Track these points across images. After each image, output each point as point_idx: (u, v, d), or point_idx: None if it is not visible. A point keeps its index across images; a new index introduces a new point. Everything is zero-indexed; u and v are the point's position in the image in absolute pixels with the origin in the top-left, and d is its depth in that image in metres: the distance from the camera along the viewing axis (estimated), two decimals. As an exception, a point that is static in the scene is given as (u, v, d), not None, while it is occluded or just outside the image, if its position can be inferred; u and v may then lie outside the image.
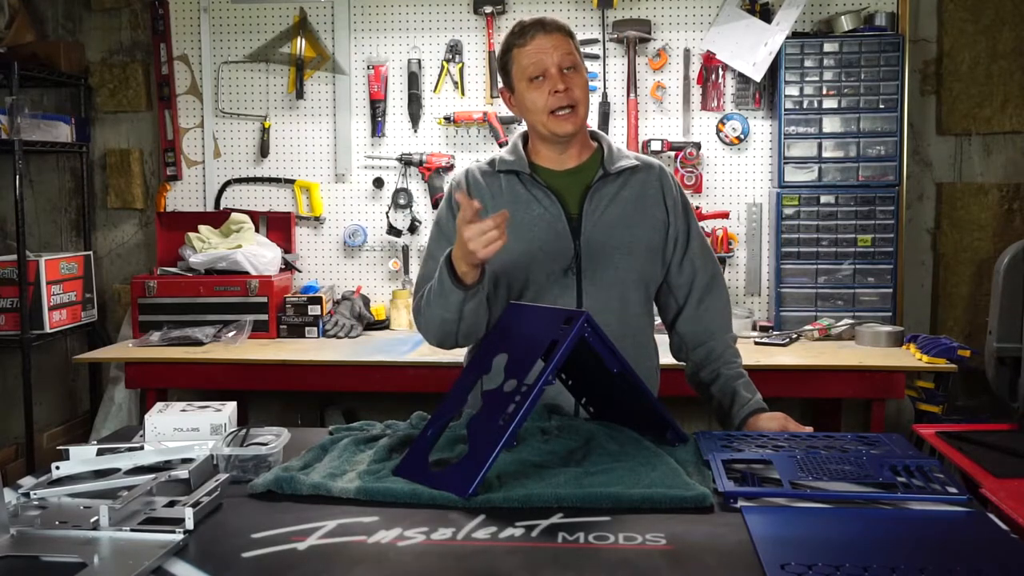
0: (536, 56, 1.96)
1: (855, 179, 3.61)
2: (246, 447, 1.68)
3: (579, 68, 1.99)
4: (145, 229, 4.13)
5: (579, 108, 1.98)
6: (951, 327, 3.80)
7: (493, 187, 2.04)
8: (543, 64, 1.95)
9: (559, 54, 1.96)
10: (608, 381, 1.73)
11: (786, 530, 1.40)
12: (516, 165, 2.03)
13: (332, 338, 3.66)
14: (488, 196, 2.02)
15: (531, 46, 1.96)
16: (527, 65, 1.97)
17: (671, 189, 2.09)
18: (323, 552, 1.33)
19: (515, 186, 2.03)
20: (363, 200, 3.96)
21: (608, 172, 2.03)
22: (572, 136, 2.01)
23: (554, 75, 1.95)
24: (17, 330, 3.63)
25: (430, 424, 1.65)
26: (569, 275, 1.98)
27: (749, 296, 3.84)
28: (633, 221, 2.02)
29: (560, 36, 1.97)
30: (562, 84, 1.95)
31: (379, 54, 3.91)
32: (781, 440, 1.81)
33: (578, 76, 1.98)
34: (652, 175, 2.08)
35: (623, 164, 2.04)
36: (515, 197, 2.02)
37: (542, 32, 1.97)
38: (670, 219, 2.07)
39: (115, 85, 4.05)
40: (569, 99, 1.95)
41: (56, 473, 1.64)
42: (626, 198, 2.03)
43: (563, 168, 2.05)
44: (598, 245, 1.98)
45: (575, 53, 2.00)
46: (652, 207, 2.05)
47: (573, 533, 1.38)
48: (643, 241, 2.02)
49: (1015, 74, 3.76)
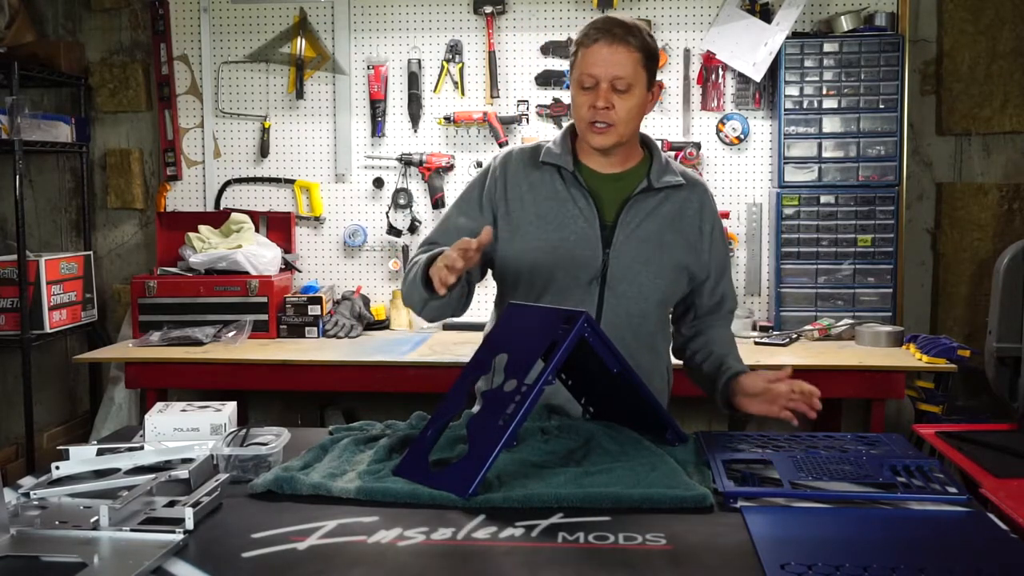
0: (591, 65, 1.89)
1: (855, 179, 3.61)
2: (246, 447, 1.68)
3: (632, 88, 1.89)
4: (145, 229, 4.13)
5: (618, 127, 1.91)
6: (951, 327, 3.80)
7: (532, 178, 1.99)
8: (594, 75, 1.88)
9: (613, 71, 1.87)
10: (608, 381, 1.73)
11: (786, 530, 1.40)
12: (560, 160, 1.98)
13: (332, 338, 3.66)
14: (526, 187, 1.99)
15: (591, 51, 1.89)
16: (581, 70, 1.90)
17: (711, 213, 2.04)
18: (323, 552, 1.33)
19: (555, 181, 1.98)
20: (363, 200, 3.96)
21: (652, 185, 1.98)
22: (605, 150, 1.96)
23: (602, 90, 1.88)
24: (17, 330, 3.63)
25: (430, 424, 1.65)
26: (593, 285, 1.95)
27: (749, 296, 3.84)
28: (666, 240, 1.97)
29: (624, 51, 1.88)
30: (604, 101, 1.88)
31: (379, 54, 3.91)
32: (781, 440, 1.82)
33: (629, 98, 1.89)
34: (695, 195, 2.03)
35: (669, 180, 1.98)
36: (553, 193, 1.97)
37: (606, 40, 1.88)
38: (704, 244, 2.02)
39: (115, 85, 4.05)
40: (607, 118, 1.89)
41: (56, 473, 1.64)
42: (664, 215, 1.98)
43: (607, 171, 2.00)
44: (627, 259, 1.94)
45: (636, 73, 1.89)
46: (688, 228, 2.01)
47: (573, 533, 1.38)
48: (672, 261, 1.98)
49: (1015, 74, 3.76)
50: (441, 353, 3.34)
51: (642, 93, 1.93)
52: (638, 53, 1.89)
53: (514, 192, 1.99)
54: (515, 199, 1.99)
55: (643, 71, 1.91)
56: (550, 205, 1.97)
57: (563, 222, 1.95)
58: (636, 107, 1.92)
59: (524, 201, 1.98)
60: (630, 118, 1.92)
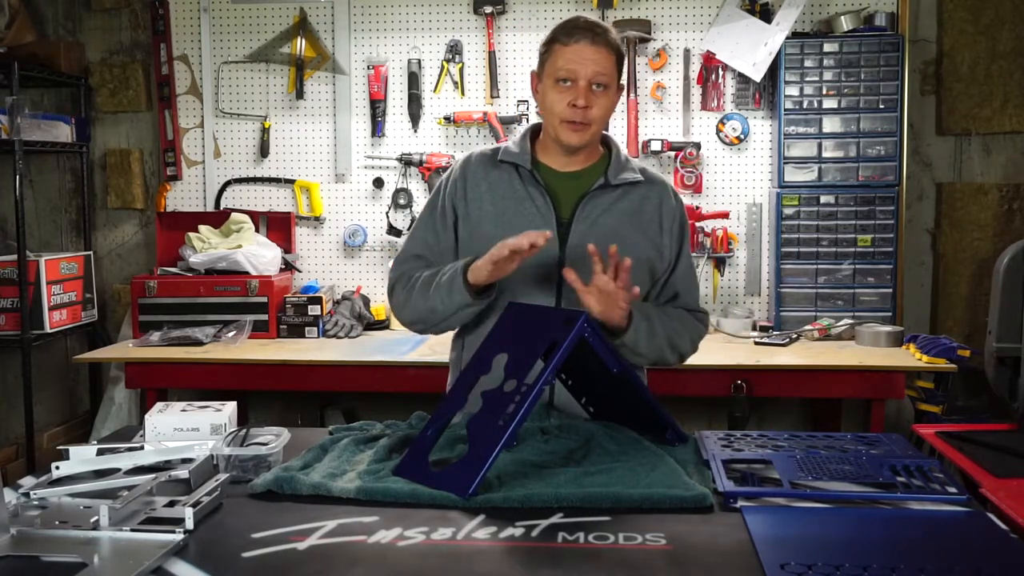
0: (571, 62, 1.90)
1: (855, 179, 3.61)
2: (246, 447, 1.68)
3: (610, 89, 1.93)
4: (145, 229, 4.13)
5: (593, 126, 1.94)
6: (951, 327, 3.80)
7: (491, 177, 2.02)
8: (575, 73, 1.90)
9: (594, 69, 1.90)
10: (608, 381, 1.73)
11: (786, 530, 1.40)
12: (518, 159, 2.01)
13: (332, 338, 3.66)
14: (485, 187, 2.01)
15: (572, 48, 1.91)
16: (560, 66, 1.92)
17: (671, 209, 2.04)
18: (323, 552, 1.33)
19: (513, 180, 2.01)
20: (363, 200, 3.96)
21: (609, 182, 1.99)
22: (578, 148, 1.98)
23: (581, 88, 1.90)
24: (17, 330, 3.63)
25: (430, 424, 1.65)
26: (551, 281, 1.96)
27: (749, 296, 3.84)
28: (625, 235, 1.97)
29: (605, 51, 1.91)
30: (583, 100, 1.90)
31: (379, 54, 3.91)
32: (781, 440, 1.82)
33: (604, 97, 1.93)
34: (653, 191, 2.04)
35: (626, 177, 2.00)
36: (511, 191, 2.00)
37: (589, 40, 1.90)
38: (664, 239, 2.03)
39: (115, 85, 4.05)
40: (584, 116, 1.91)
41: (56, 473, 1.64)
42: (622, 210, 2.00)
43: (566, 169, 2.02)
44: (583, 255, 1.92)
45: (612, 73, 1.93)
46: (648, 224, 2.01)
47: (573, 533, 1.38)
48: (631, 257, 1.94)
49: (1015, 74, 3.75)
50: (441, 353, 3.32)
51: (615, 93, 1.97)
52: (614, 55, 1.94)
53: (474, 192, 2.02)
54: (474, 199, 2.01)
55: (616, 72, 1.96)
56: (507, 204, 1.98)
57: (519, 220, 1.96)
58: (610, 106, 1.97)
59: (483, 201, 2.00)
60: (604, 117, 1.96)
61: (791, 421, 3.93)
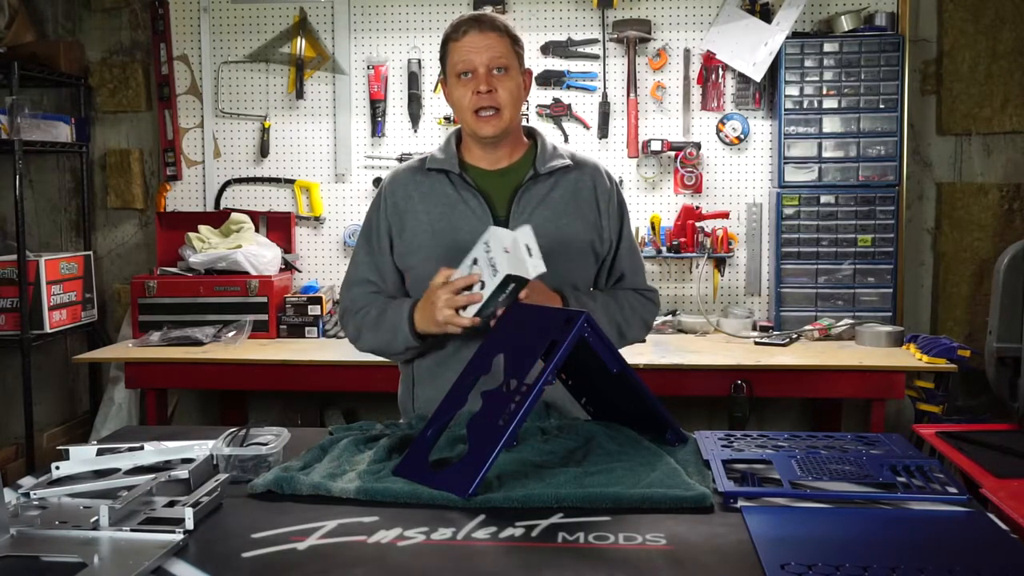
0: (466, 54, 1.93)
1: (855, 179, 3.61)
2: (246, 447, 1.68)
3: (511, 70, 1.95)
4: (145, 229, 4.13)
5: (504, 111, 1.94)
6: (951, 327, 3.80)
7: (422, 187, 2.02)
8: (471, 62, 1.93)
9: (489, 54, 1.92)
10: (608, 381, 1.72)
11: (786, 530, 1.40)
12: (446, 164, 2.00)
13: (332, 338, 3.66)
14: (417, 198, 2.01)
15: (463, 42, 1.94)
16: (457, 61, 1.94)
17: (606, 189, 2.04)
18: (323, 552, 1.33)
19: (444, 186, 2.00)
20: (363, 200, 3.96)
21: (539, 173, 1.99)
22: (495, 138, 1.97)
23: (481, 75, 1.92)
24: (17, 330, 3.63)
25: (430, 424, 1.65)
26: None
27: (749, 296, 3.84)
28: (563, 223, 1.98)
29: (495, 36, 1.94)
30: (486, 85, 1.91)
31: (379, 54, 3.91)
32: (781, 440, 1.81)
33: (507, 79, 1.94)
34: (586, 174, 2.04)
35: (555, 164, 2.00)
36: (444, 198, 1.99)
37: (476, 29, 1.94)
38: (603, 221, 2.03)
39: (115, 85, 4.05)
40: (492, 101, 1.92)
41: (56, 473, 1.64)
42: (556, 199, 2.00)
43: (494, 168, 2.02)
44: None
45: (510, 55, 1.95)
46: (584, 207, 2.01)
47: (573, 533, 1.38)
48: (573, 244, 1.98)
49: (1015, 74, 3.76)
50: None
51: (518, 75, 1.98)
52: (507, 37, 1.96)
53: (406, 204, 2.01)
54: (408, 211, 2.01)
55: (514, 54, 1.97)
56: (441, 211, 1.98)
57: (455, 225, 1.96)
58: (516, 88, 1.96)
59: (417, 212, 2.00)
60: (513, 100, 1.95)
61: (791, 421, 3.93)
